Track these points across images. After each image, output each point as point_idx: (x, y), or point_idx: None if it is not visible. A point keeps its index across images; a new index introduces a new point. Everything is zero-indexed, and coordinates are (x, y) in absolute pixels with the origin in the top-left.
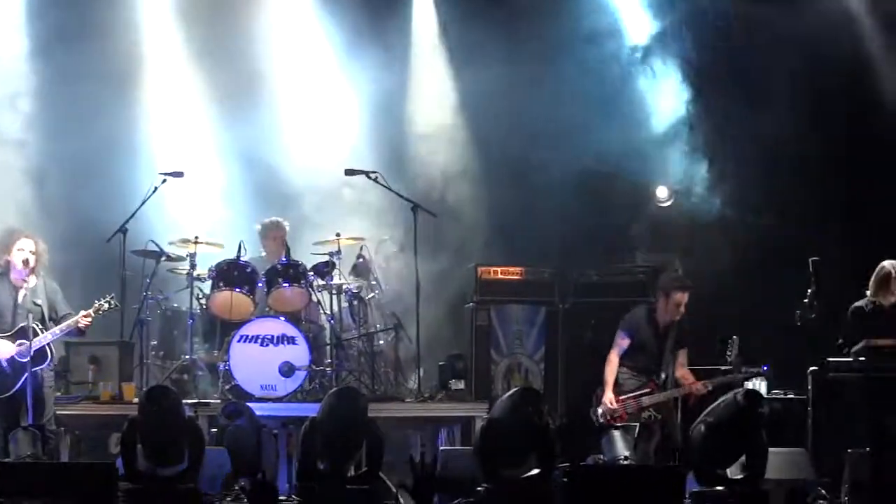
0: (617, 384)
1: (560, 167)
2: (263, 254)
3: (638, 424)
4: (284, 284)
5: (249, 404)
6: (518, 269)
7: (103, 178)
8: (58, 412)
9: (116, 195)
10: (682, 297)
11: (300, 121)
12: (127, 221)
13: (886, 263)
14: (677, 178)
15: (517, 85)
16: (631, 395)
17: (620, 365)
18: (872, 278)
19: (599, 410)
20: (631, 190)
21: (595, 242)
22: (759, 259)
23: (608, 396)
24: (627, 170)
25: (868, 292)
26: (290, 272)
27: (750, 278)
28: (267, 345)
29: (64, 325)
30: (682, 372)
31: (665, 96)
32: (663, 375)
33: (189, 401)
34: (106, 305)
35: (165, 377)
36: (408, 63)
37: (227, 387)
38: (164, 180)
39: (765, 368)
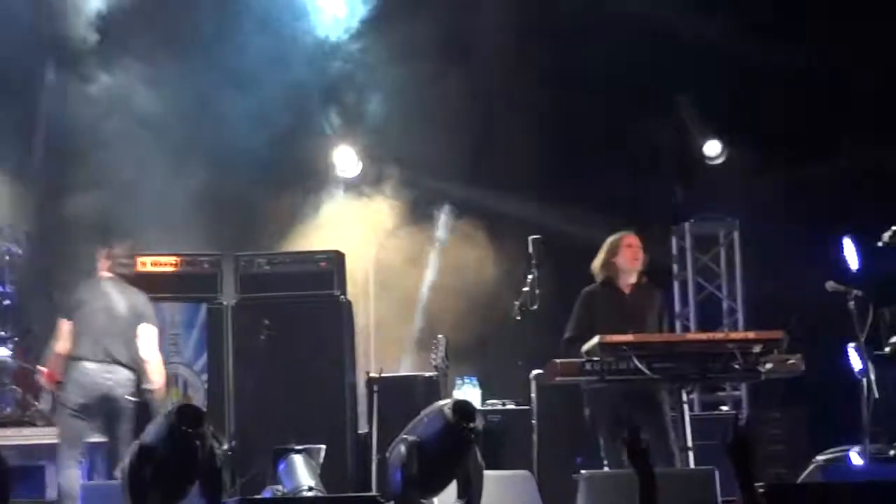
0: None
1: (226, 136)
2: None
3: (323, 447)
4: None
5: None
6: (173, 258)
7: None
8: None
9: None
10: None
11: None
12: None
13: (611, 236)
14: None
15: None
16: None
17: None
18: (599, 256)
19: None
20: (308, 158)
21: (268, 224)
22: (468, 240)
23: None
24: (304, 132)
25: (598, 277)
26: None
27: (458, 263)
28: None
29: None
30: None
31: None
32: None
33: None
34: None
35: None
36: None
37: None
38: None
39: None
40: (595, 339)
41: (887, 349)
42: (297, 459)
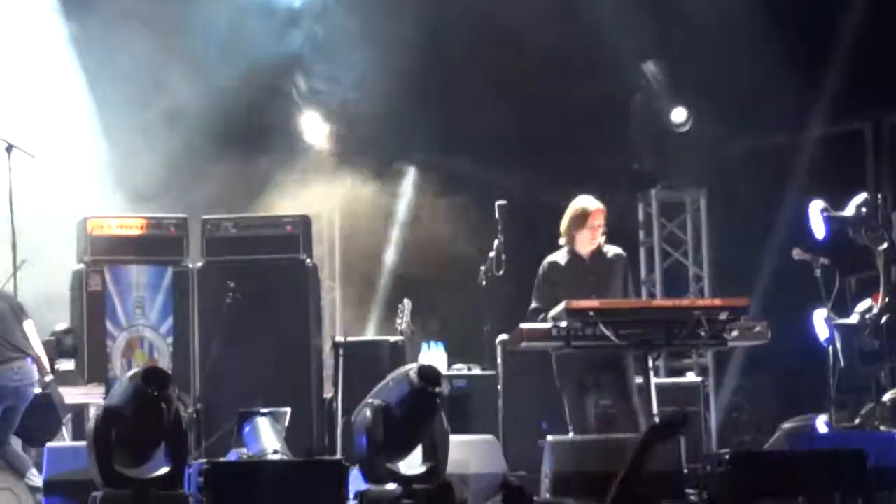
0: None
1: (192, 99)
2: None
3: (289, 411)
4: None
5: None
6: (139, 220)
7: None
8: None
9: None
10: None
11: None
12: None
13: (580, 201)
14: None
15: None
16: None
17: None
18: (565, 221)
19: None
20: (274, 122)
21: (235, 187)
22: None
23: None
24: (271, 96)
25: (562, 241)
26: None
27: (424, 228)
28: None
29: None
30: None
31: None
32: None
33: None
34: None
35: None
36: None
37: None
38: None
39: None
40: (562, 305)
41: (853, 318)
42: (263, 422)
